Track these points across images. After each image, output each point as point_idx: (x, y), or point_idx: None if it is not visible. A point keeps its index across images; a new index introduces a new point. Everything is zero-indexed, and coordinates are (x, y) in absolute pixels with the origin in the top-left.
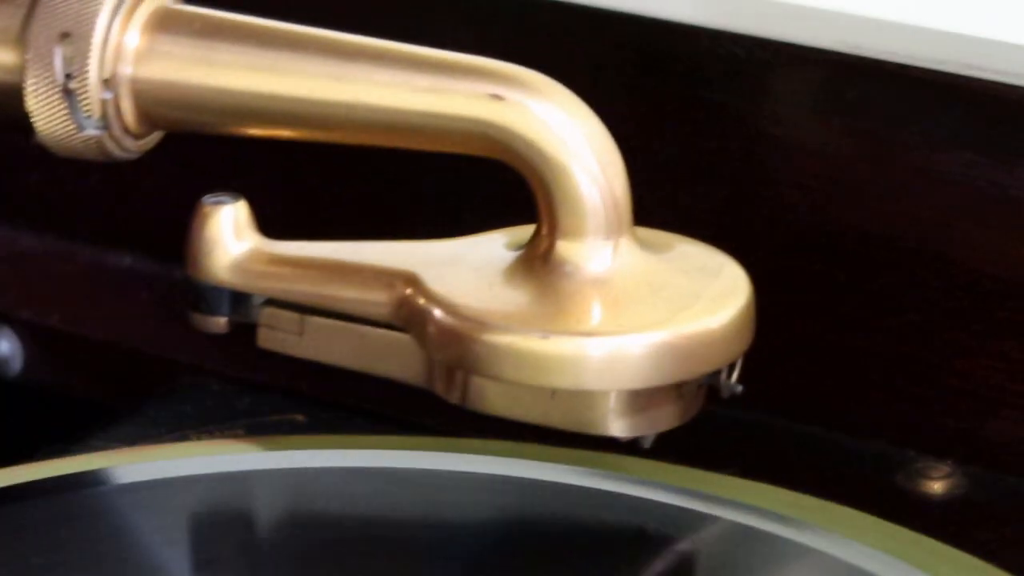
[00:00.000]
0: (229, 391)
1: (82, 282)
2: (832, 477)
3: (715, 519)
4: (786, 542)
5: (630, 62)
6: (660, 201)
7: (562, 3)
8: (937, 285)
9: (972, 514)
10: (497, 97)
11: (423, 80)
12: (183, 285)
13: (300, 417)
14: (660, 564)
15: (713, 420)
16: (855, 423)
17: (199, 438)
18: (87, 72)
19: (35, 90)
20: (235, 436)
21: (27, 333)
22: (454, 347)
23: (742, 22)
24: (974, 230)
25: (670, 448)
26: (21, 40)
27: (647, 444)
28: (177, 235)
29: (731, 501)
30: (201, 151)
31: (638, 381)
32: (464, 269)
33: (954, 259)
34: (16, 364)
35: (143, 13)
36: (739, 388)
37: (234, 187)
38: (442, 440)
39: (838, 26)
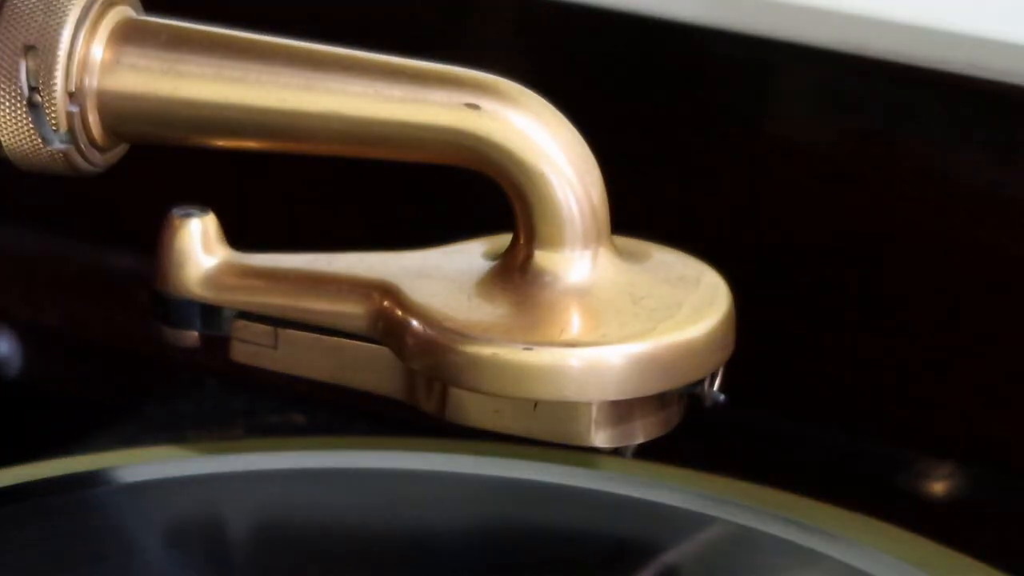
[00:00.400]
0: (228, 392)
1: (82, 282)
2: (832, 478)
3: (715, 520)
4: (787, 543)
5: (630, 62)
6: (659, 201)
7: (562, 3)
8: (937, 285)
9: (973, 515)
10: (473, 106)
11: (398, 90)
12: (152, 299)
13: (300, 418)
14: (659, 565)
15: (712, 420)
16: (855, 423)
17: (198, 439)
18: (53, 85)
19: None
20: (234, 437)
21: (27, 333)
22: (433, 359)
23: (742, 22)
24: (974, 230)
25: (669, 449)
26: None
27: (628, 454)
28: None
29: (731, 502)
30: (202, 151)
31: (620, 392)
32: (441, 279)
33: (954, 259)
34: (16, 364)
35: (108, 25)
36: (721, 397)
37: (235, 187)
38: (441, 442)
39: (838, 26)
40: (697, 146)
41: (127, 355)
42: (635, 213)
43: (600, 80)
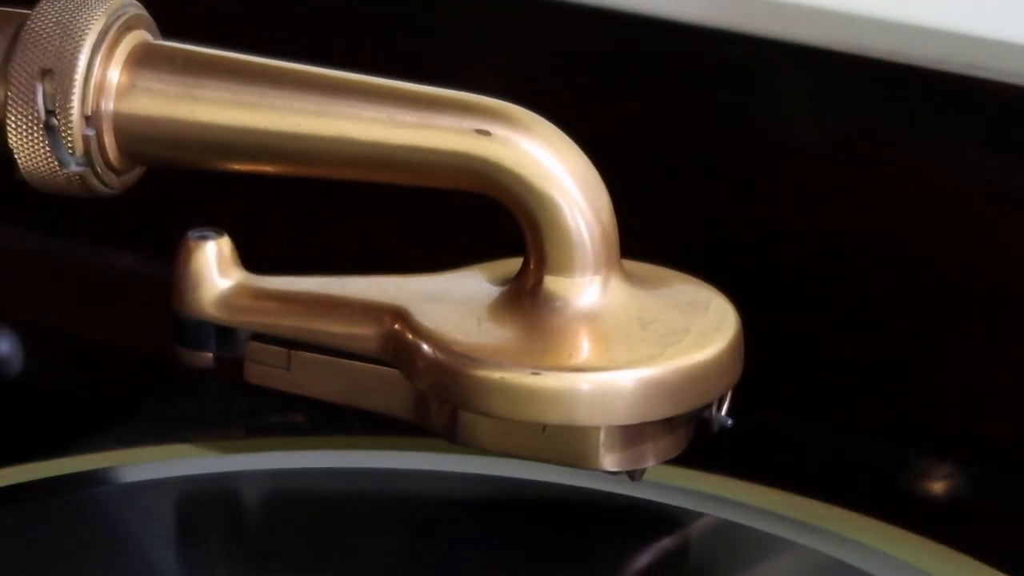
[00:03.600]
0: (228, 391)
1: (82, 282)
2: (832, 477)
3: (714, 519)
4: (786, 543)
5: (630, 62)
6: (659, 201)
7: (562, 3)
8: (936, 285)
9: (973, 515)
10: (484, 132)
11: (410, 115)
12: (169, 320)
13: (300, 417)
14: (658, 563)
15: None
16: (855, 423)
17: (199, 439)
18: (69, 108)
19: (16, 127)
20: (234, 436)
21: (27, 333)
22: (443, 382)
23: (742, 22)
24: (974, 230)
25: None
26: (2, 77)
27: (638, 478)
28: (177, 236)
29: (730, 501)
30: None
31: (628, 416)
32: (451, 304)
33: (954, 259)
34: (16, 364)
35: (124, 49)
36: (729, 422)
37: (236, 187)
38: (440, 441)
39: (838, 26)
40: (697, 146)
41: (127, 355)
42: (633, 213)
43: (601, 80)
